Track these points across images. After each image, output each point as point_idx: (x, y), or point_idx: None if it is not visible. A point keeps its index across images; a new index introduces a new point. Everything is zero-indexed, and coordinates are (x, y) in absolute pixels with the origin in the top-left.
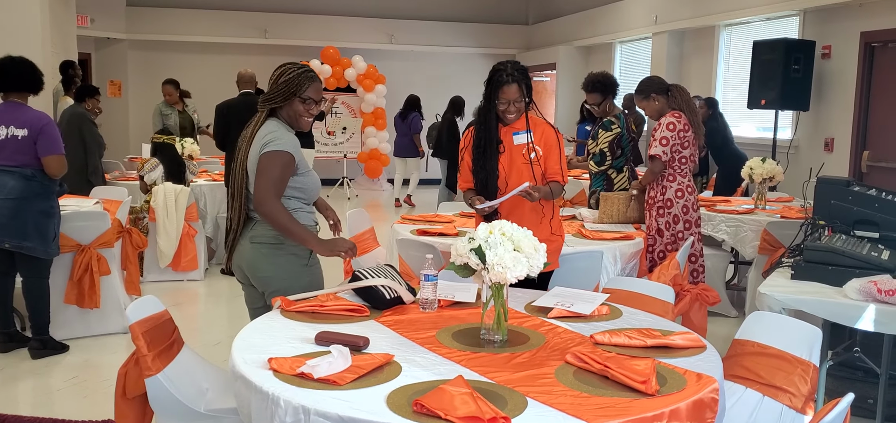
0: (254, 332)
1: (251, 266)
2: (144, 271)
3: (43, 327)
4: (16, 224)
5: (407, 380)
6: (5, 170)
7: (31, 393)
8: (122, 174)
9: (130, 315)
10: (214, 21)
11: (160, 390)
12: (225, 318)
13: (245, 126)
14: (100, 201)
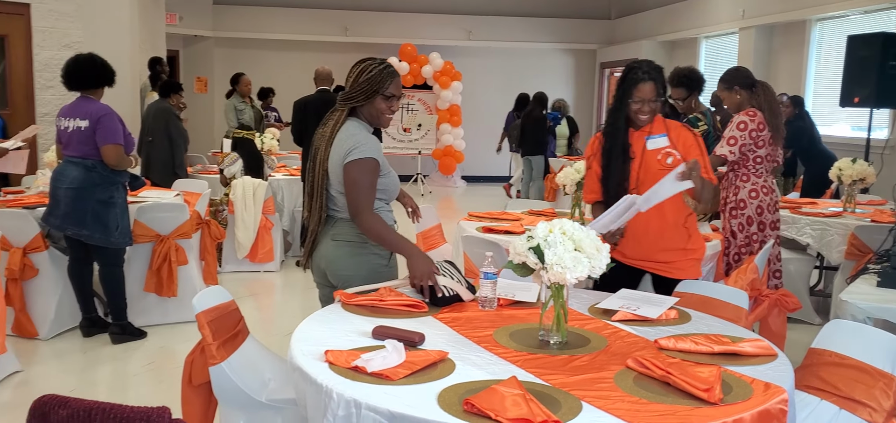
0: (313, 324)
1: (332, 265)
2: (223, 262)
3: (121, 312)
4: (76, 213)
5: (459, 378)
6: (70, 161)
7: (110, 377)
8: (205, 168)
9: (197, 305)
10: (297, 19)
11: (224, 378)
12: (298, 309)
13: (322, 123)
14: (180, 193)
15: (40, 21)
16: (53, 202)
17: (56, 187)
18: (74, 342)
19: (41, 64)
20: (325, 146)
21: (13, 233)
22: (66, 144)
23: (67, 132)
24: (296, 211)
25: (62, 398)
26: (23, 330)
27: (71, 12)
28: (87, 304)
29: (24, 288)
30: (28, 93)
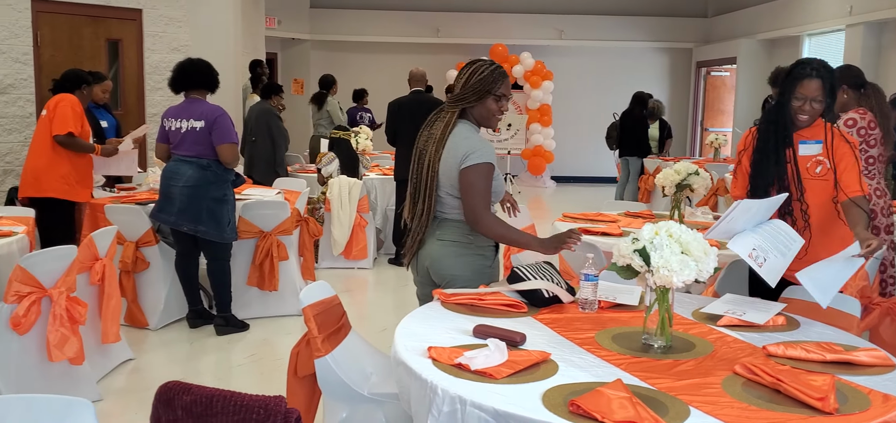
0: (415, 321)
1: (437, 264)
2: (319, 258)
3: (225, 305)
4: (191, 210)
5: (563, 379)
6: (184, 160)
7: (214, 366)
8: (303, 167)
9: (303, 299)
10: (390, 21)
11: (328, 371)
12: (391, 306)
13: (427, 125)
14: (281, 191)
15: (151, 26)
16: (166, 199)
17: (169, 185)
18: (181, 333)
19: (151, 67)
20: (434, 148)
21: (127, 228)
22: (178, 144)
23: (180, 133)
24: (388, 210)
25: (186, 385)
26: (134, 320)
27: (179, 17)
28: (194, 296)
29: (136, 280)
30: (139, 94)
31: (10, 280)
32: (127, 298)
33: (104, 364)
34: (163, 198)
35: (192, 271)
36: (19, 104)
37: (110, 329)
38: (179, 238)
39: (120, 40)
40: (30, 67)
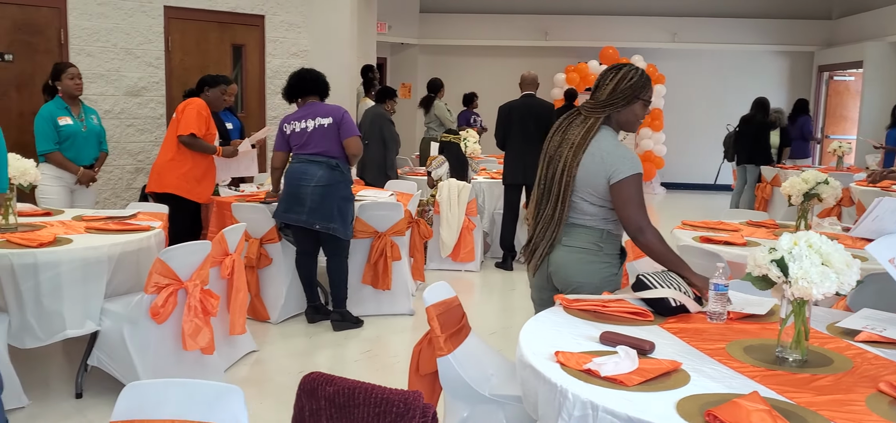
0: (539, 325)
1: (564, 271)
2: (427, 260)
3: (342, 301)
4: (323, 208)
5: (696, 390)
6: (313, 160)
7: (331, 361)
8: (412, 170)
9: (427, 298)
10: (497, 25)
11: (450, 370)
12: (497, 309)
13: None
14: (394, 193)
15: (273, 32)
16: (294, 200)
17: (298, 186)
18: (299, 327)
19: (272, 71)
20: (572, 153)
21: (252, 225)
22: (304, 144)
23: (306, 132)
24: (496, 213)
25: (328, 376)
26: (257, 314)
27: (299, 23)
28: (313, 293)
29: (259, 275)
30: (260, 97)
31: (151, 273)
32: (250, 292)
33: (231, 354)
34: (291, 198)
35: (313, 268)
36: (151, 106)
37: (237, 321)
38: (302, 237)
39: (244, 45)
40: (161, 71)
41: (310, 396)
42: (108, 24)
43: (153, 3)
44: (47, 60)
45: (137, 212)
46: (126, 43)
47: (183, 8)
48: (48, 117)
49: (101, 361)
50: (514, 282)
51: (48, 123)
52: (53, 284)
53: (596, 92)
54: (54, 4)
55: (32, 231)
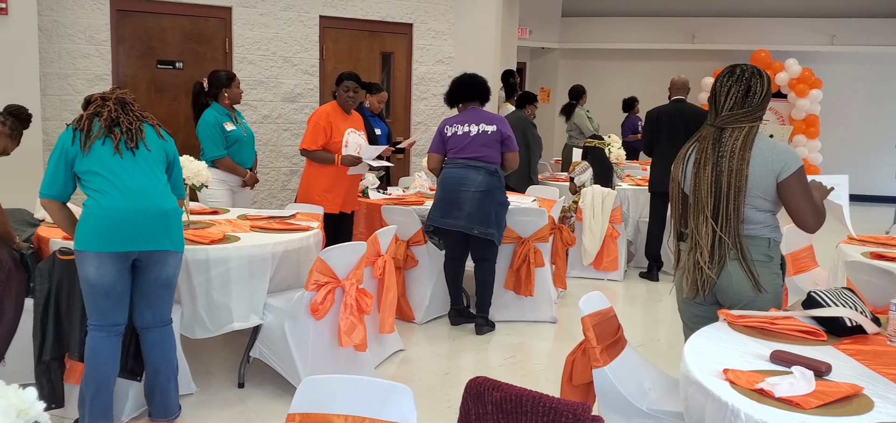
0: (703, 340)
1: (739, 288)
2: (567, 267)
3: (487, 306)
4: (482, 214)
5: (881, 417)
6: (473, 166)
7: (474, 364)
8: (553, 175)
9: (583, 308)
10: (642, 28)
11: (606, 382)
12: (642, 321)
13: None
14: (536, 199)
15: (420, 39)
16: (451, 205)
17: (457, 190)
18: (443, 329)
19: (418, 78)
20: (736, 159)
21: (401, 228)
22: (463, 148)
23: (467, 136)
24: (641, 221)
25: (495, 382)
26: (402, 314)
27: (445, 31)
28: (458, 296)
29: (405, 276)
30: (406, 104)
31: (311, 271)
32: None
33: (380, 352)
34: (447, 203)
35: (461, 273)
36: (306, 111)
37: (387, 320)
38: (454, 243)
39: (392, 53)
40: (316, 78)
41: (476, 400)
42: (268, 33)
43: (310, 14)
44: (213, 68)
45: (296, 212)
46: (284, 51)
47: (337, 18)
48: (216, 124)
49: (262, 353)
50: (659, 293)
51: (216, 130)
52: (223, 279)
53: (747, 98)
54: (221, 15)
55: (203, 229)
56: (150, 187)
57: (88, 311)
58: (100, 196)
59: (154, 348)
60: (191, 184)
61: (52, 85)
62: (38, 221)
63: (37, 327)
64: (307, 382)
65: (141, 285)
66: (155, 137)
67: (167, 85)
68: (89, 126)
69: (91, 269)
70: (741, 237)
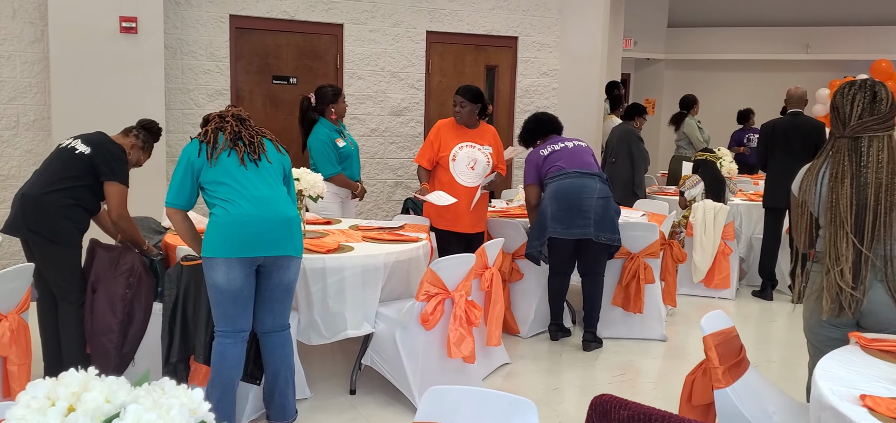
0: (834, 364)
1: (889, 312)
2: (677, 284)
3: (595, 321)
4: (606, 221)
5: None
6: (587, 174)
7: (582, 380)
8: (660, 189)
9: (705, 327)
10: (752, 38)
11: (728, 403)
12: (754, 341)
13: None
14: (645, 214)
15: (525, 52)
16: (576, 213)
17: (581, 199)
18: (547, 344)
19: (522, 90)
20: (885, 172)
21: (506, 240)
22: (570, 161)
23: (567, 150)
24: (754, 238)
25: (621, 400)
26: (507, 327)
27: (551, 43)
28: (559, 311)
29: (510, 290)
30: (509, 117)
31: (422, 281)
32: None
33: (487, 365)
34: (570, 212)
35: (566, 287)
36: (411, 125)
37: (494, 333)
38: (564, 256)
39: (496, 66)
40: (421, 92)
41: (602, 417)
42: (377, 49)
43: (417, 29)
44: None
45: (404, 224)
46: (392, 66)
47: (443, 32)
48: (328, 141)
49: (373, 361)
50: (773, 313)
51: (329, 147)
52: (338, 287)
53: (875, 104)
54: (333, 32)
55: (318, 238)
56: (273, 197)
57: (216, 317)
58: (228, 205)
59: (274, 352)
60: (307, 195)
61: (175, 99)
62: (165, 228)
63: (165, 330)
64: (432, 392)
65: (264, 291)
66: (274, 150)
67: (282, 100)
68: (215, 138)
69: (220, 274)
70: (885, 258)
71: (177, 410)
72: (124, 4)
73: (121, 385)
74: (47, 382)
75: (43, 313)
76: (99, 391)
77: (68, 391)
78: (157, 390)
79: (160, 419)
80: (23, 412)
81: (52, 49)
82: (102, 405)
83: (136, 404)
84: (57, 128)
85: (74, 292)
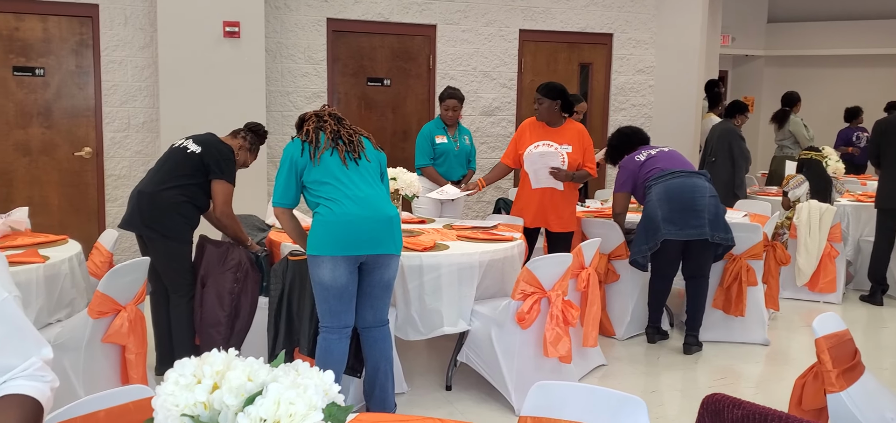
0: None
1: None
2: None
3: (698, 324)
4: (719, 220)
5: None
6: (690, 173)
7: (682, 383)
8: (761, 189)
9: (817, 329)
10: (858, 32)
11: (841, 407)
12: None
13: None
14: (747, 215)
15: (620, 49)
16: (690, 213)
17: (693, 199)
18: (643, 346)
19: (616, 88)
20: None
21: (603, 241)
22: (667, 161)
23: (663, 152)
24: (862, 240)
25: (735, 399)
26: (602, 329)
27: (646, 40)
28: (659, 314)
29: (606, 291)
30: (603, 115)
31: (518, 280)
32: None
33: (583, 366)
34: (684, 213)
35: (669, 289)
36: (502, 125)
37: (591, 334)
38: (671, 258)
39: (591, 64)
40: (513, 92)
41: (714, 416)
42: (469, 49)
43: (510, 28)
44: (418, 84)
45: (498, 223)
46: (484, 66)
47: (536, 31)
48: (427, 135)
49: (469, 358)
50: (883, 319)
51: (426, 141)
52: (434, 284)
53: None
54: (426, 33)
55: (414, 237)
56: (374, 196)
57: (321, 313)
58: (332, 204)
59: (374, 347)
60: (403, 194)
61: (275, 102)
62: (268, 226)
63: (270, 323)
64: (538, 387)
65: (365, 287)
66: (372, 148)
67: (375, 101)
68: (316, 138)
69: (325, 272)
70: None
71: (313, 389)
72: (227, 10)
73: (261, 365)
74: (193, 361)
75: (156, 306)
76: (242, 370)
77: (213, 370)
78: (293, 371)
79: (299, 397)
80: (172, 389)
81: (160, 54)
82: (245, 383)
83: (275, 382)
84: (165, 130)
85: (185, 285)
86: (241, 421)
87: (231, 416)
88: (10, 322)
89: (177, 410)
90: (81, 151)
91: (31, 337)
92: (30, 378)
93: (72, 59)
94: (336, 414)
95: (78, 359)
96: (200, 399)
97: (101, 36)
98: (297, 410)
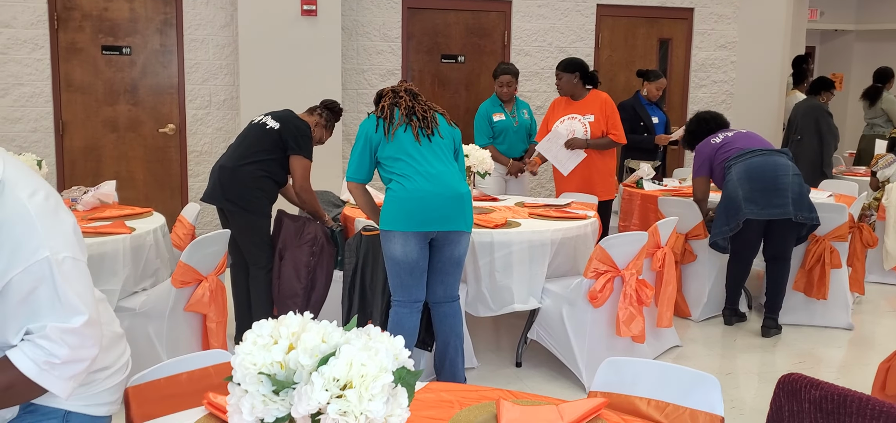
0: None
1: None
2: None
3: (778, 307)
4: (803, 199)
5: None
6: (775, 151)
7: (759, 366)
8: (849, 169)
9: None
10: None
11: None
12: None
13: None
14: (832, 195)
15: (701, 24)
16: (773, 192)
17: (776, 178)
18: (719, 328)
19: (697, 64)
20: None
21: (680, 220)
22: (746, 140)
23: (741, 133)
24: None
25: (813, 380)
26: (678, 309)
27: (729, 15)
28: (736, 295)
29: (682, 271)
30: (683, 91)
31: (591, 258)
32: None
33: (657, 346)
34: (766, 192)
35: (749, 271)
36: None
37: (665, 314)
38: (753, 239)
39: (670, 39)
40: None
41: (791, 397)
42: (545, 24)
43: (587, 3)
44: (491, 61)
45: (571, 202)
46: (560, 42)
47: (614, 5)
48: (484, 114)
49: (539, 336)
50: None
51: (484, 120)
52: (505, 261)
53: None
54: (501, 8)
55: (486, 214)
56: (446, 173)
57: (393, 288)
58: (404, 180)
59: (444, 321)
60: (476, 171)
61: (350, 80)
62: (343, 202)
63: (345, 295)
64: (607, 363)
65: (436, 263)
66: (446, 125)
67: (449, 79)
68: (391, 114)
69: (397, 247)
70: None
71: (384, 353)
72: None
73: (334, 328)
74: (270, 322)
75: (236, 277)
76: (316, 332)
77: (289, 331)
78: (365, 335)
79: (370, 359)
80: (250, 348)
81: (240, 32)
82: (319, 345)
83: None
84: (245, 107)
85: (264, 258)
86: (315, 380)
87: (306, 375)
88: (49, 283)
89: (254, 369)
90: (165, 127)
91: (66, 302)
92: (30, 345)
93: (156, 38)
94: (406, 378)
95: (161, 326)
96: (277, 359)
97: (184, 15)
98: (368, 371)
